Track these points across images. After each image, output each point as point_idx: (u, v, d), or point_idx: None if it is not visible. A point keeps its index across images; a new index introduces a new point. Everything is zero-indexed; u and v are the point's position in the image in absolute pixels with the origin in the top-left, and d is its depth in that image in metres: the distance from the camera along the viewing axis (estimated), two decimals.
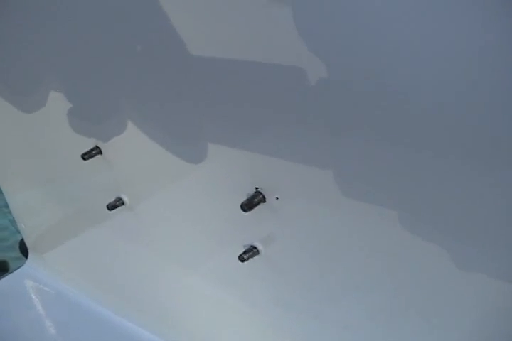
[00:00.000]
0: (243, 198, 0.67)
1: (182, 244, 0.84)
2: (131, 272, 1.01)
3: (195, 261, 0.85)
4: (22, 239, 1.48)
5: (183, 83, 0.68)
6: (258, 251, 0.72)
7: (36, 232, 1.30)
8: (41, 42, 0.83)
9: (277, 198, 0.65)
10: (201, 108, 0.68)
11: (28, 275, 1.32)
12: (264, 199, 0.66)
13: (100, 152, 0.87)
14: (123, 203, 0.89)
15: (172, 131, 0.75)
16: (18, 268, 1.35)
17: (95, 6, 0.71)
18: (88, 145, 0.88)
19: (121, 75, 0.76)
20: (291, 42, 0.53)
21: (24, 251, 1.46)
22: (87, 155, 0.86)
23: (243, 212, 0.65)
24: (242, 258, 0.71)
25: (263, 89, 0.59)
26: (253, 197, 0.66)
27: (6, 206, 1.32)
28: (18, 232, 1.48)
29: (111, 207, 0.89)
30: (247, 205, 0.65)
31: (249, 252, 0.71)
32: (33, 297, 1.26)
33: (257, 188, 0.66)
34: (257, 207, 0.66)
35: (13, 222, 1.53)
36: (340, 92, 0.53)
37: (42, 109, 0.94)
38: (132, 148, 0.82)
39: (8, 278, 1.32)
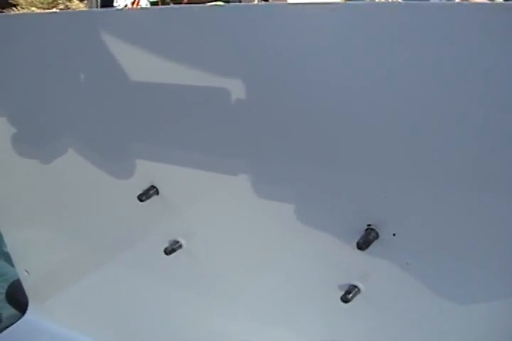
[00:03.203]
0: (348, 235, 0.65)
1: (256, 291, 0.79)
2: (179, 326, 0.93)
3: (273, 310, 0.79)
4: (12, 290, 1.36)
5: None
6: (359, 290, 0.69)
7: (40, 280, 1.19)
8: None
9: (394, 234, 0.63)
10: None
11: (29, 328, 1.20)
12: (377, 236, 0.64)
13: (157, 192, 0.81)
14: (180, 246, 0.84)
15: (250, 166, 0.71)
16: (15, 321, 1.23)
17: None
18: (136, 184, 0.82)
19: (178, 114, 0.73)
20: None
21: (16, 303, 1.35)
22: (144, 196, 0.80)
23: (359, 250, 0.63)
24: (346, 299, 0.68)
25: None
26: (367, 234, 0.63)
27: None
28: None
29: (169, 251, 0.83)
30: (365, 243, 0.62)
31: (352, 292, 0.68)
32: None
33: (369, 225, 0.64)
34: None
35: None
36: None
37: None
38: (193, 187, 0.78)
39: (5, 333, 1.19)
